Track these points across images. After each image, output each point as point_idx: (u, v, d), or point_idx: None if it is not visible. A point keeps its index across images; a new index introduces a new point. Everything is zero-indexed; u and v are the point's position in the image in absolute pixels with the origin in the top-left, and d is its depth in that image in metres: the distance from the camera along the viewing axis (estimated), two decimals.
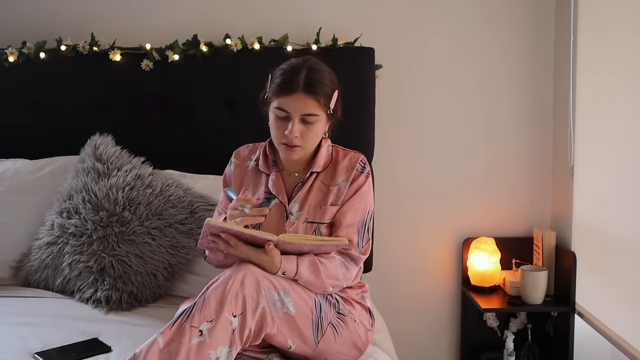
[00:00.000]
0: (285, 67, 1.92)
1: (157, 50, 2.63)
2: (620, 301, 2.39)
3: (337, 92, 1.94)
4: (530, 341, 2.82)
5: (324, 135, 2.00)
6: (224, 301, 1.66)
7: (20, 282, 2.42)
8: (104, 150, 2.46)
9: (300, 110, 1.87)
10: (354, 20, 2.76)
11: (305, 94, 1.86)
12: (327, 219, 1.95)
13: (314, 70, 1.88)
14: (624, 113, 2.34)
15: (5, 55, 2.63)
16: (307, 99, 1.86)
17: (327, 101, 1.90)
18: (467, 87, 2.84)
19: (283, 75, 1.89)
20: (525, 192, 2.89)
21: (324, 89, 1.88)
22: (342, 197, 1.96)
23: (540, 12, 2.81)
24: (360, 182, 1.98)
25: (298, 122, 1.88)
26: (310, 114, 1.88)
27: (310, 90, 1.86)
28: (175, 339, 1.63)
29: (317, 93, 1.86)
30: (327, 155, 2.03)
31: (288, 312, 1.75)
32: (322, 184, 1.99)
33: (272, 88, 1.91)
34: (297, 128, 1.87)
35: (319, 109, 1.89)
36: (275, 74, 1.92)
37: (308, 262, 1.83)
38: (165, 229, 2.34)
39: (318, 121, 1.90)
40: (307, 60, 1.92)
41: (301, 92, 1.85)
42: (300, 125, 1.88)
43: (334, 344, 1.85)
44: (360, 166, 2.00)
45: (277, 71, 1.92)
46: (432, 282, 2.92)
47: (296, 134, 1.88)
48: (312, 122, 1.89)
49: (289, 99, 1.86)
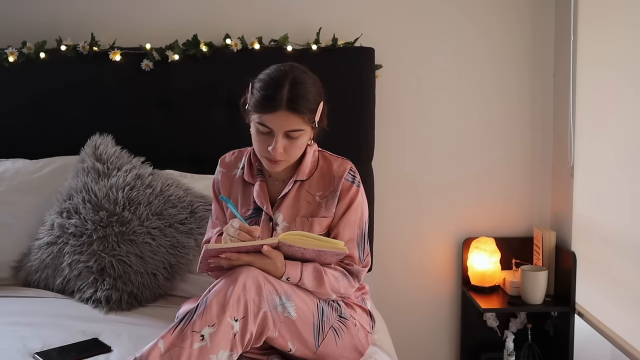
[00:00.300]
0: (266, 79, 1.81)
1: (157, 50, 2.63)
2: (620, 301, 2.39)
3: (322, 104, 1.85)
4: (530, 341, 2.82)
5: (309, 142, 1.92)
6: (226, 305, 1.65)
7: (20, 282, 2.43)
8: (104, 150, 2.46)
9: (283, 127, 1.79)
10: (354, 20, 2.76)
11: (288, 112, 1.77)
12: (317, 231, 1.91)
13: (297, 84, 1.78)
14: (624, 113, 2.34)
15: (5, 55, 2.63)
16: (291, 116, 1.78)
17: (312, 115, 1.82)
18: (467, 87, 2.84)
19: (264, 90, 1.79)
20: (525, 192, 2.89)
21: (308, 104, 1.79)
22: (332, 209, 1.92)
23: (540, 12, 2.81)
24: (352, 194, 1.92)
25: (282, 137, 1.80)
26: (294, 129, 1.80)
27: (293, 108, 1.77)
28: (176, 344, 1.62)
29: (300, 110, 1.78)
30: (313, 162, 1.96)
31: (289, 317, 1.74)
32: (308, 193, 1.93)
33: (253, 102, 1.81)
34: (280, 145, 1.80)
35: (303, 124, 1.81)
36: (256, 85, 1.83)
37: (312, 269, 1.82)
38: (165, 229, 2.34)
39: (302, 135, 1.83)
40: (290, 71, 1.81)
41: (284, 109, 1.76)
42: (284, 140, 1.81)
43: (335, 347, 1.85)
44: (350, 176, 1.94)
45: (257, 82, 1.83)
46: (432, 282, 2.92)
47: (280, 150, 1.81)
48: (296, 137, 1.82)
49: (272, 117, 1.78)
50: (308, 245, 1.77)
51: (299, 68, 1.85)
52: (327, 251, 1.80)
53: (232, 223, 1.81)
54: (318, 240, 1.79)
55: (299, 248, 1.77)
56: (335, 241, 1.82)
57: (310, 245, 1.77)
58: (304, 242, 1.77)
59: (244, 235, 1.76)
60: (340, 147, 2.08)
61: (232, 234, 1.78)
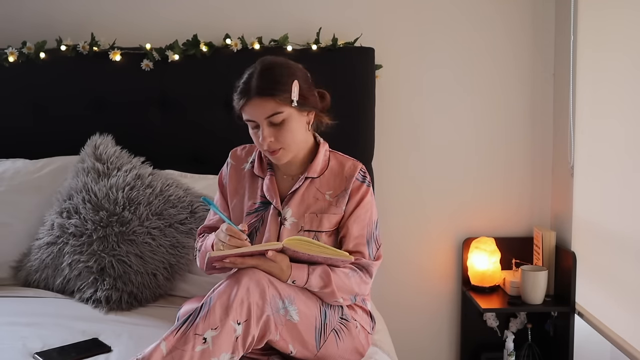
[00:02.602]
0: (240, 80, 1.88)
1: (157, 50, 2.63)
2: (620, 301, 2.39)
3: (296, 82, 1.84)
4: (530, 341, 2.82)
5: (309, 128, 1.93)
6: (229, 308, 1.65)
7: (20, 282, 2.43)
8: (104, 150, 2.46)
9: (262, 115, 1.82)
10: (354, 20, 2.76)
11: (260, 98, 1.81)
12: (326, 227, 1.92)
13: (265, 71, 1.84)
14: (625, 113, 2.34)
15: (5, 55, 2.63)
16: (263, 102, 1.81)
17: (287, 95, 1.83)
18: (467, 87, 2.84)
19: (238, 87, 1.86)
20: (525, 192, 2.89)
21: (277, 86, 1.82)
22: (342, 207, 1.92)
23: (540, 12, 2.81)
24: (363, 192, 1.94)
25: (267, 126, 1.83)
26: (272, 114, 1.82)
27: (262, 92, 1.81)
28: (178, 347, 1.62)
29: (270, 93, 1.81)
30: (324, 161, 1.98)
31: (291, 320, 1.74)
32: (318, 191, 1.94)
33: (235, 102, 1.88)
34: (267, 133, 1.83)
35: (280, 106, 1.82)
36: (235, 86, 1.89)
37: (320, 270, 1.81)
38: (165, 229, 2.34)
39: (287, 118, 1.84)
40: (259, 63, 1.87)
41: (255, 97, 1.81)
42: (270, 129, 1.84)
43: (336, 349, 1.85)
44: (360, 175, 1.95)
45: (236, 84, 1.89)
46: (432, 282, 2.92)
47: (268, 139, 1.83)
48: (279, 121, 1.83)
49: (248, 107, 1.83)
50: (313, 252, 1.77)
51: (269, 58, 1.90)
52: (333, 258, 1.80)
53: (222, 228, 1.81)
54: (323, 247, 1.78)
55: (304, 253, 1.77)
56: (339, 251, 1.81)
57: (314, 252, 1.77)
58: (308, 248, 1.77)
59: (235, 241, 1.77)
60: (340, 147, 2.08)
61: (223, 239, 1.79)
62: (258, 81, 1.82)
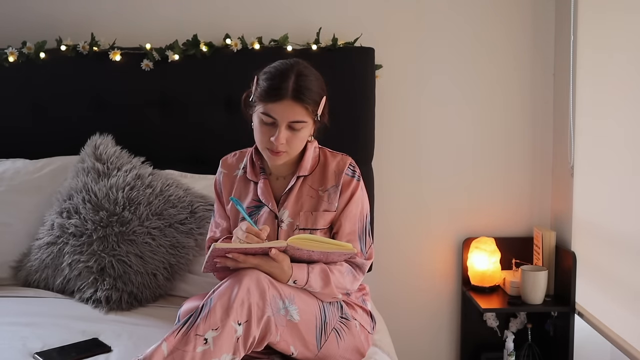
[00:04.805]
0: (272, 70, 1.85)
1: (157, 50, 2.63)
2: (620, 301, 2.39)
3: (324, 98, 1.89)
4: (530, 341, 2.82)
5: (310, 139, 1.95)
6: (230, 309, 1.65)
7: (20, 282, 2.42)
8: (104, 150, 2.46)
9: (287, 118, 1.82)
10: (354, 20, 2.76)
11: (293, 101, 1.80)
12: (321, 225, 1.93)
13: (302, 76, 1.83)
14: (624, 113, 2.34)
15: (5, 55, 2.63)
16: (295, 106, 1.81)
17: (315, 108, 1.85)
18: (467, 87, 2.84)
19: (270, 80, 1.83)
20: (525, 192, 2.89)
21: (312, 95, 1.83)
22: (334, 203, 1.93)
23: (540, 12, 2.81)
24: (353, 187, 1.95)
25: (285, 128, 1.83)
26: (297, 121, 1.83)
27: (298, 97, 1.80)
28: (179, 347, 1.62)
29: (305, 100, 1.81)
30: (314, 158, 1.98)
31: (292, 320, 1.74)
32: (311, 188, 1.95)
33: (259, 92, 1.85)
34: (283, 135, 1.83)
35: (306, 116, 1.84)
36: (261, 77, 1.86)
37: (319, 270, 1.82)
38: (165, 229, 2.34)
39: (305, 127, 1.86)
40: (295, 64, 1.86)
41: (289, 99, 1.80)
42: (286, 132, 1.83)
43: (337, 348, 1.85)
44: (350, 170, 1.96)
45: (263, 75, 1.86)
46: (432, 282, 2.92)
47: (282, 141, 1.83)
48: (299, 128, 1.85)
49: (277, 106, 1.81)
50: (316, 248, 1.77)
51: (304, 63, 1.90)
52: (335, 252, 1.81)
53: (241, 226, 1.82)
54: (326, 242, 1.79)
55: (307, 251, 1.77)
56: (342, 243, 1.82)
57: (318, 248, 1.78)
58: (311, 245, 1.77)
59: (252, 238, 1.77)
60: (340, 147, 2.08)
61: (241, 237, 1.79)
62: (295, 84, 1.81)
